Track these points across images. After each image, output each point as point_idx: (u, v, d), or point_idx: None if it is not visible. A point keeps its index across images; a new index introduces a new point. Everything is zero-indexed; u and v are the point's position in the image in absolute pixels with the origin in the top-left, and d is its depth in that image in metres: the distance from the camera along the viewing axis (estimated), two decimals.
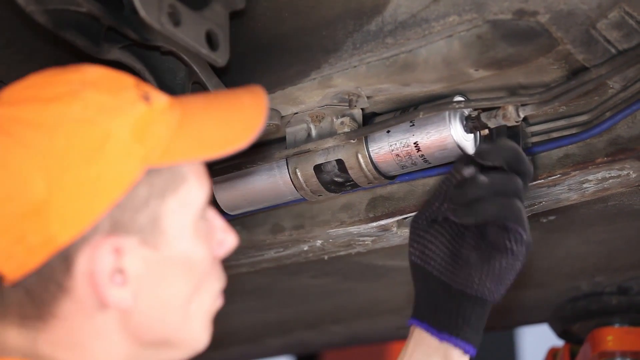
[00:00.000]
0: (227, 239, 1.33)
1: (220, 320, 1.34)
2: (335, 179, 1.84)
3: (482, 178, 1.49)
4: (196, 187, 1.26)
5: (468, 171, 1.52)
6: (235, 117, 1.30)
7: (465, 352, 1.52)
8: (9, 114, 1.20)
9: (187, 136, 1.24)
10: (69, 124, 1.18)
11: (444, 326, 1.52)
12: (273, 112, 1.75)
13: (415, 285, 1.56)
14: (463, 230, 1.54)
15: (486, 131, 1.71)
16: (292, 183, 1.88)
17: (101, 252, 1.18)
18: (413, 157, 1.76)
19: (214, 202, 1.94)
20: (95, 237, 1.18)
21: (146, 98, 1.23)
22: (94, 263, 1.18)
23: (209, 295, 1.30)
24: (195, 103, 1.29)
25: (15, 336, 1.21)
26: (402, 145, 1.75)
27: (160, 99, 1.25)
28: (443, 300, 1.52)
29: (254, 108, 1.31)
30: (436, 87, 1.69)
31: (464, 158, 1.55)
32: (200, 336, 1.28)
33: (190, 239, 1.25)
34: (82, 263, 1.18)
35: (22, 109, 1.20)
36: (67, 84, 1.22)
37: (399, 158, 1.77)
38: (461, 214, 1.50)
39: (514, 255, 1.50)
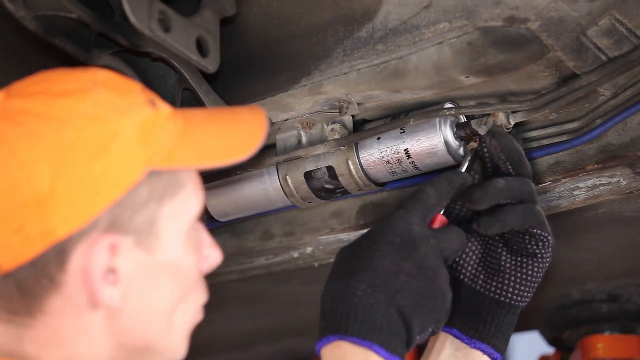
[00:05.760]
0: (213, 255, 1.34)
1: (210, 327, 1.34)
2: (326, 186, 1.84)
3: (500, 180, 1.52)
4: (193, 196, 1.28)
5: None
6: (236, 131, 1.33)
7: (494, 359, 1.55)
8: (19, 105, 1.20)
9: (190, 144, 1.26)
10: (79, 119, 1.19)
11: (476, 333, 1.54)
12: None
13: None
14: (488, 239, 1.58)
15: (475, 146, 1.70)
16: (283, 190, 1.88)
17: (97, 248, 1.18)
18: (403, 164, 1.75)
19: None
20: (93, 233, 1.18)
21: (152, 103, 1.25)
22: (89, 259, 1.18)
23: (193, 307, 1.31)
24: (197, 115, 1.32)
25: (1, 333, 1.21)
26: (393, 152, 1.75)
27: (164, 106, 1.27)
28: (475, 307, 1.55)
29: (254, 123, 1.35)
30: (426, 94, 1.68)
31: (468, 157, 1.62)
32: (179, 347, 1.29)
33: (183, 247, 1.26)
34: (76, 258, 1.18)
35: (33, 101, 1.20)
36: (78, 81, 1.24)
37: (389, 165, 1.76)
38: (486, 225, 1.53)
39: (543, 260, 1.54)
